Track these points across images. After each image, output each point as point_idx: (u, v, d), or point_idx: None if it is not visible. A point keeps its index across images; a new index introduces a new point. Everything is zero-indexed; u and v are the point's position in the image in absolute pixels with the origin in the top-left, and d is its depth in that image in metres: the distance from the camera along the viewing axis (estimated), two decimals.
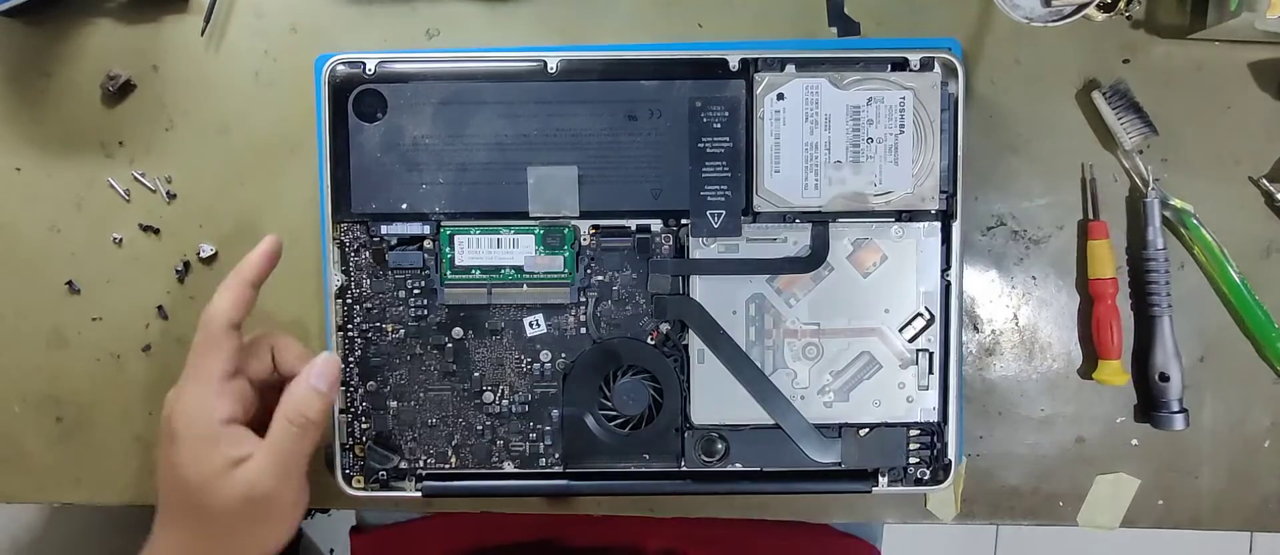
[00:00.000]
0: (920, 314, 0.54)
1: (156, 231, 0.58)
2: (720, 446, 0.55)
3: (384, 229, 0.54)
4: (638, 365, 0.55)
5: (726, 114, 0.53)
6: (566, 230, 0.54)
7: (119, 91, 0.57)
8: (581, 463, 0.55)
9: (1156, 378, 0.55)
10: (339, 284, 0.55)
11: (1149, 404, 0.56)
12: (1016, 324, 0.57)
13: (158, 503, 0.50)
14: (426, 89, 0.53)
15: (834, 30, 0.56)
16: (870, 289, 0.54)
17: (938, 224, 0.53)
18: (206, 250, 0.58)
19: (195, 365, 0.48)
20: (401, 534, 0.74)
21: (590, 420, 0.55)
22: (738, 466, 0.55)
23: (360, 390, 0.55)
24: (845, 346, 0.54)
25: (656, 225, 0.54)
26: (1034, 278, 0.57)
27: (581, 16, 0.57)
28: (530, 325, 0.55)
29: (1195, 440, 0.57)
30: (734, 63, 0.52)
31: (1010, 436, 0.58)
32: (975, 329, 0.57)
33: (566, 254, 0.54)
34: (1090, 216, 0.56)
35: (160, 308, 0.58)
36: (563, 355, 0.55)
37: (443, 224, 0.54)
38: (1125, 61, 0.56)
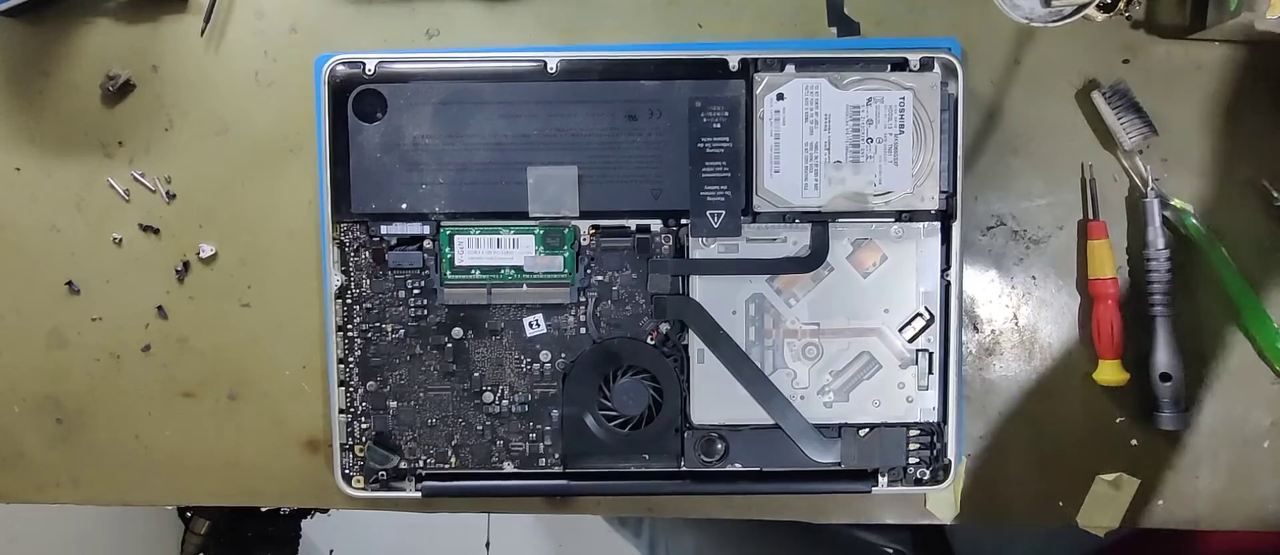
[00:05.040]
0: (920, 314, 0.54)
1: (156, 231, 0.58)
2: (720, 446, 0.55)
3: (384, 229, 0.54)
4: (638, 365, 0.55)
5: (726, 114, 0.53)
6: (566, 230, 0.54)
7: (119, 91, 0.57)
8: (581, 463, 0.55)
9: (1157, 378, 0.55)
10: (339, 284, 0.55)
11: (1149, 404, 0.56)
12: (1016, 324, 0.57)
13: None
14: (426, 89, 0.53)
15: (834, 30, 0.56)
16: (870, 289, 0.54)
17: (937, 224, 0.53)
18: (206, 250, 0.58)
19: None
20: None
21: (590, 420, 0.55)
22: (737, 466, 0.55)
23: (360, 390, 0.55)
24: (845, 346, 0.54)
25: (656, 225, 0.54)
26: (1034, 278, 0.57)
27: (581, 16, 0.57)
28: (530, 325, 0.55)
29: (1195, 440, 0.57)
30: (734, 63, 0.52)
31: (1010, 436, 0.58)
32: (975, 329, 0.57)
33: (566, 254, 0.54)
34: (1090, 216, 0.56)
35: (160, 308, 0.58)
36: (563, 355, 0.55)
37: (443, 224, 0.54)
38: (1125, 61, 0.56)
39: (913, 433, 0.55)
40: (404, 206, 0.54)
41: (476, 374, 0.55)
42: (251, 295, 0.58)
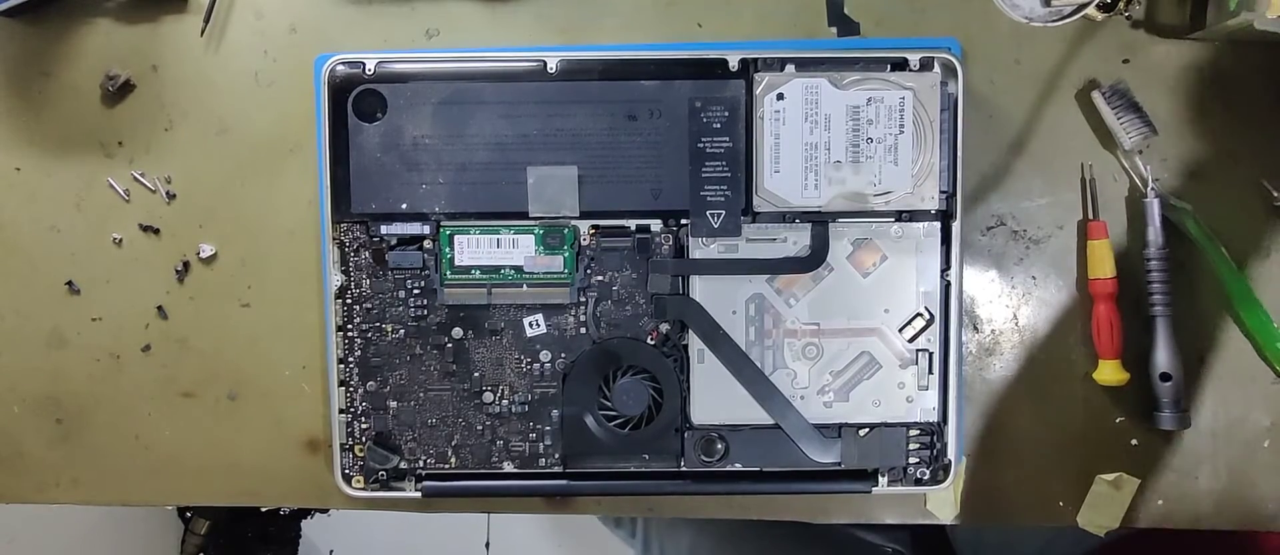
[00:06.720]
0: (920, 314, 0.54)
1: (156, 231, 0.58)
2: (720, 446, 0.55)
3: (384, 229, 0.54)
4: (637, 365, 0.55)
5: (726, 114, 0.53)
6: (566, 230, 0.54)
7: (119, 91, 0.57)
8: (581, 463, 0.55)
9: (1157, 378, 0.55)
10: (339, 284, 0.55)
11: (1149, 404, 0.56)
12: (1016, 324, 0.57)
13: None
14: (426, 89, 0.53)
15: (834, 30, 0.56)
16: (870, 289, 0.54)
17: (937, 224, 0.53)
18: (206, 250, 0.58)
19: None
20: None
21: (590, 420, 0.55)
22: (737, 467, 0.55)
23: (360, 390, 0.55)
24: (845, 346, 0.54)
25: (656, 225, 0.54)
26: (1034, 278, 0.57)
27: (581, 16, 0.57)
28: (530, 325, 0.55)
29: (1195, 440, 0.57)
30: (734, 63, 0.52)
31: (1010, 436, 0.58)
32: (975, 329, 0.57)
33: (566, 254, 0.54)
34: (1090, 216, 0.56)
35: (160, 308, 0.58)
36: (563, 355, 0.55)
37: (443, 224, 0.54)
38: (1125, 61, 0.56)
39: (913, 433, 0.55)
40: (404, 206, 0.53)
41: (476, 374, 0.55)
42: (251, 295, 0.58)
